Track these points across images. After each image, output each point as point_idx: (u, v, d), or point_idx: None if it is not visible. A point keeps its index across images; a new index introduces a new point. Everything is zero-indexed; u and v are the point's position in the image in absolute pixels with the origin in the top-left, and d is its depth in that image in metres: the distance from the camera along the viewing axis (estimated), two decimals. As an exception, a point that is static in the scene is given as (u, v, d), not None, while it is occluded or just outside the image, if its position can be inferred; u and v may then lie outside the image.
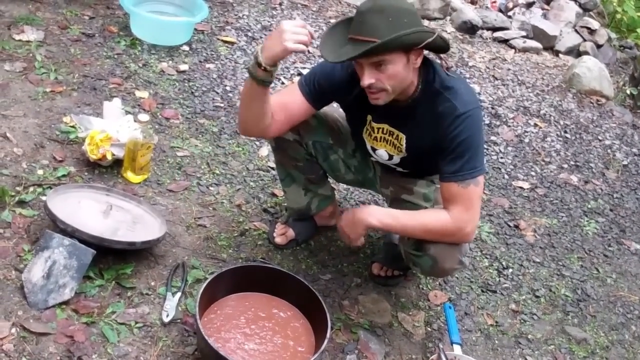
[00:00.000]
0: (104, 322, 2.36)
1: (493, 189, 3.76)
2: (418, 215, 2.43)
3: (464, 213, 2.33)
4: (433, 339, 2.73)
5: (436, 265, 2.44)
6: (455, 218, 2.33)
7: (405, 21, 2.15)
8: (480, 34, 5.62)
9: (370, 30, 2.13)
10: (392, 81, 2.24)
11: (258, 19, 4.75)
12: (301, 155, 2.72)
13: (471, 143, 2.31)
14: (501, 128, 4.36)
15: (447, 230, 2.35)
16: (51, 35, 3.85)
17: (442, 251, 2.41)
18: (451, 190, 2.34)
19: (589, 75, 5.14)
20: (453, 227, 2.34)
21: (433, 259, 2.43)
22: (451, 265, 2.46)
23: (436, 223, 2.36)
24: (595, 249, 3.53)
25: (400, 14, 2.16)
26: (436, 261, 2.43)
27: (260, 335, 2.41)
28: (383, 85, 2.24)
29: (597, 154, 4.41)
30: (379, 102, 2.30)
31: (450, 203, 2.35)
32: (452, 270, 2.54)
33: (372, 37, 2.12)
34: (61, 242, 2.42)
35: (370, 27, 2.13)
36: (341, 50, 2.21)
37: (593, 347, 2.93)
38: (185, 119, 3.55)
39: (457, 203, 2.33)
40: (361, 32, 2.15)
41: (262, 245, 2.92)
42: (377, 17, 2.13)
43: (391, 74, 2.22)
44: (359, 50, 2.13)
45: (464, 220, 2.34)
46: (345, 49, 2.20)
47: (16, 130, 3.08)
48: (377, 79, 2.22)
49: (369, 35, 2.13)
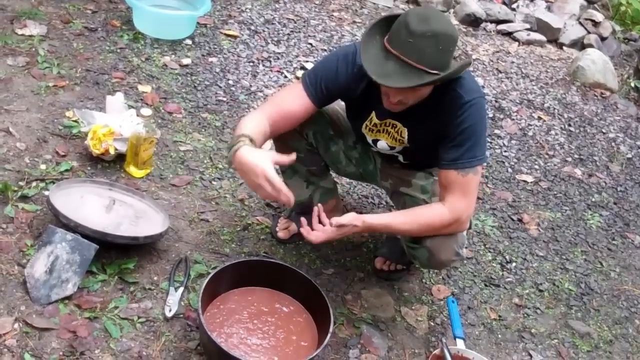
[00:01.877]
0: (106, 317, 2.36)
1: (496, 182, 3.75)
2: (414, 215, 2.41)
3: (460, 200, 2.33)
4: (436, 333, 2.72)
5: (432, 257, 2.45)
6: (452, 207, 2.34)
7: (451, 50, 2.15)
8: (484, 26, 5.60)
9: (421, 56, 2.10)
10: (417, 98, 2.28)
11: (261, 13, 4.74)
12: (302, 146, 2.71)
13: (474, 131, 2.31)
14: (505, 121, 4.35)
15: (444, 222, 2.35)
16: (54, 30, 3.84)
17: (438, 243, 2.42)
18: (449, 178, 2.34)
19: (593, 68, 5.11)
20: (450, 218, 2.34)
21: (429, 251, 2.44)
22: (447, 256, 2.46)
23: (434, 218, 2.36)
24: (599, 243, 3.52)
25: (449, 43, 2.14)
26: (432, 253, 2.44)
27: (263, 330, 2.41)
28: (407, 102, 2.27)
29: (601, 147, 4.40)
30: (395, 110, 2.34)
31: (447, 191, 2.35)
32: (449, 262, 2.54)
33: (421, 65, 2.10)
34: (64, 237, 2.42)
35: (421, 54, 2.10)
36: (385, 67, 2.15)
37: (597, 341, 2.93)
38: (188, 113, 3.54)
39: (454, 191, 2.33)
40: (410, 56, 2.10)
41: (265, 240, 2.91)
42: (430, 45, 2.09)
43: (420, 94, 2.26)
44: (409, 82, 2.11)
45: (460, 208, 2.34)
46: (389, 67, 2.14)
47: (19, 125, 3.08)
48: (405, 96, 2.24)
49: (418, 62, 2.10)
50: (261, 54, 4.27)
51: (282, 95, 2.53)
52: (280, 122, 2.43)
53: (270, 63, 4.22)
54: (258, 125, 2.35)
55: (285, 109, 2.44)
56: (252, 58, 4.20)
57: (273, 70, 4.15)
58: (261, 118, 2.38)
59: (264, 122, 2.37)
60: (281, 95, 2.54)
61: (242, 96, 3.81)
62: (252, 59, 4.19)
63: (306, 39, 4.61)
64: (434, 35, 2.09)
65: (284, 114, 2.43)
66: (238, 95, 3.81)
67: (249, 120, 2.36)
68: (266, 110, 2.43)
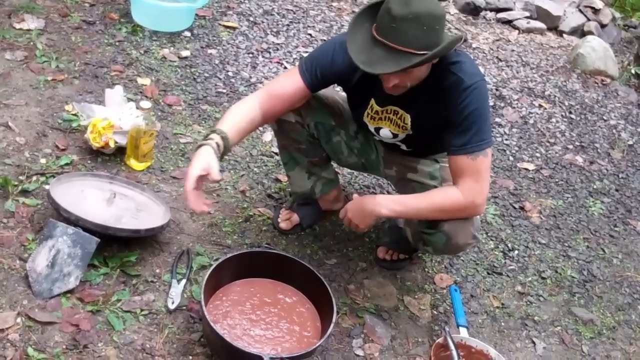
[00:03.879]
0: (109, 310, 2.36)
1: (498, 170, 3.75)
2: (428, 197, 2.40)
3: (473, 185, 2.32)
4: (439, 322, 2.72)
5: (450, 241, 2.44)
6: (466, 191, 2.33)
7: (437, 28, 2.13)
8: (484, 15, 5.58)
9: (405, 39, 2.09)
10: (415, 80, 2.27)
11: (260, 4, 4.72)
12: (303, 137, 2.71)
13: (479, 115, 2.31)
14: (506, 110, 4.34)
15: (459, 206, 2.34)
16: (52, 24, 3.83)
17: (456, 227, 2.41)
18: (460, 163, 2.33)
19: (594, 55, 5.10)
20: (465, 202, 2.33)
21: (447, 235, 2.42)
22: (465, 240, 2.46)
23: (447, 201, 2.35)
24: (601, 230, 3.51)
25: (434, 22, 2.11)
26: (450, 237, 2.43)
27: (266, 321, 2.41)
28: (405, 84, 2.26)
29: (602, 134, 4.39)
30: (396, 93, 2.32)
31: (459, 176, 2.34)
32: (466, 246, 2.53)
33: (407, 48, 2.09)
34: (65, 230, 2.42)
35: (405, 37, 2.09)
36: (372, 55, 2.15)
37: (600, 327, 2.93)
38: (187, 106, 3.53)
39: (467, 175, 2.32)
40: (395, 40, 2.10)
41: (267, 231, 2.91)
42: (413, 27, 2.08)
43: (415, 77, 2.26)
44: (397, 66, 2.11)
45: (474, 192, 2.33)
46: (377, 54, 2.14)
47: (18, 120, 3.08)
48: (401, 79, 2.23)
49: (403, 45, 2.09)
50: (260, 45, 4.26)
51: (277, 79, 2.58)
52: (273, 104, 2.45)
53: (270, 54, 4.21)
54: (243, 113, 2.40)
55: (278, 91, 2.46)
56: (252, 49, 4.19)
57: (272, 61, 4.14)
58: (251, 103, 2.43)
59: (252, 108, 2.42)
60: (277, 79, 2.58)
61: (241, 87, 3.80)
62: (251, 50, 4.18)
63: (305, 29, 4.60)
64: (416, 16, 2.07)
65: (277, 95, 2.45)
66: (238, 86, 3.80)
67: (235, 110, 2.42)
68: (259, 93, 2.48)
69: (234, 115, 2.39)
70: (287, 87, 2.46)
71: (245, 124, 2.39)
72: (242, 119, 2.39)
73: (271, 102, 2.44)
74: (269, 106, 2.44)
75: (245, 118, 2.39)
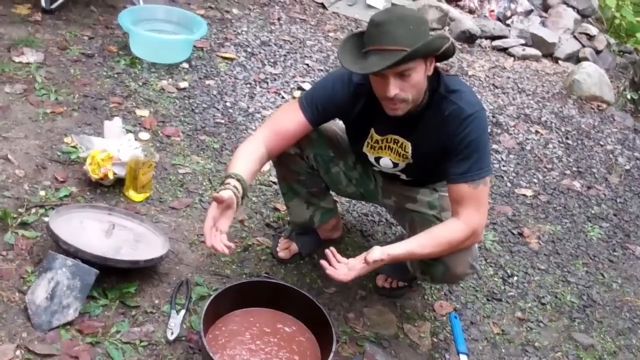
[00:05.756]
0: (108, 341, 2.36)
1: (496, 197, 3.76)
2: (434, 238, 2.35)
3: (474, 213, 2.33)
4: (439, 349, 2.72)
5: (448, 271, 2.45)
6: (468, 220, 2.33)
7: (423, 29, 2.19)
8: (479, 43, 5.63)
9: (394, 39, 2.13)
10: (414, 90, 2.26)
11: (257, 35, 4.77)
12: (303, 169, 2.72)
13: (479, 144, 2.32)
14: (502, 136, 4.36)
15: (464, 237, 2.34)
16: (51, 57, 3.87)
17: (454, 257, 2.41)
18: (461, 192, 2.33)
19: (589, 81, 5.14)
20: (468, 232, 2.34)
21: (446, 265, 2.43)
22: (463, 270, 2.47)
23: (454, 235, 2.34)
24: (600, 255, 3.51)
25: (419, 23, 2.18)
26: (448, 268, 2.44)
27: (265, 351, 2.41)
28: (406, 95, 2.25)
29: (599, 159, 4.40)
30: (398, 113, 2.30)
31: (460, 205, 2.35)
32: (464, 276, 2.54)
33: (399, 47, 2.12)
34: (64, 262, 2.42)
35: (395, 37, 2.13)
36: (366, 62, 2.19)
37: (600, 352, 2.92)
38: (186, 136, 3.55)
39: (468, 204, 2.33)
40: (385, 42, 2.15)
41: (266, 260, 2.91)
42: (399, 27, 2.14)
43: (414, 82, 2.23)
44: (392, 60, 2.12)
45: (476, 221, 2.34)
46: (371, 60, 2.18)
47: (17, 152, 3.09)
48: (401, 88, 2.23)
49: (393, 44, 2.13)
50: (258, 76, 4.29)
51: (279, 116, 2.55)
52: (278, 142, 2.47)
53: (268, 84, 4.24)
54: (252, 154, 2.41)
55: (282, 130, 2.48)
56: (249, 80, 4.22)
57: (270, 92, 4.17)
58: (257, 144, 2.44)
59: (259, 149, 2.43)
60: (279, 116, 2.56)
61: (240, 118, 3.82)
62: (249, 80, 4.21)
63: (302, 59, 4.64)
64: (400, 18, 2.15)
65: (281, 133, 2.47)
66: (236, 117, 3.82)
67: (243, 152, 2.41)
68: (263, 132, 2.48)
69: (243, 157, 2.39)
70: (289, 125, 2.47)
71: (255, 165, 2.41)
72: (252, 160, 2.39)
73: (275, 140, 2.46)
74: (273, 144, 2.46)
75: (254, 159, 2.40)
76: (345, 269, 2.30)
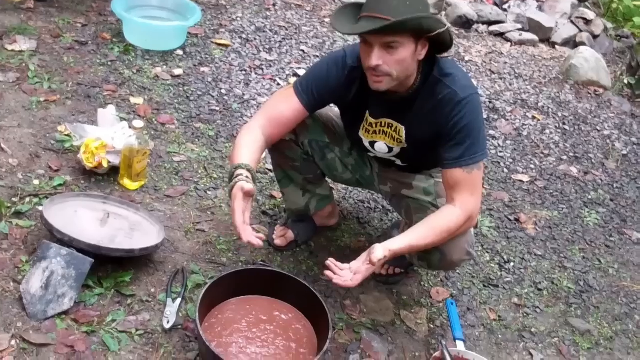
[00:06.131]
0: (104, 330, 2.35)
1: (493, 183, 3.75)
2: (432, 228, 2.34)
3: (469, 198, 2.33)
4: (436, 335, 2.71)
5: (445, 258, 2.45)
6: (464, 205, 2.32)
7: (421, 8, 2.17)
8: (476, 28, 5.61)
9: (387, 9, 2.12)
10: (399, 67, 2.22)
11: (252, 21, 4.74)
12: (298, 155, 2.71)
13: (473, 128, 2.31)
14: (499, 122, 4.35)
15: (461, 222, 2.34)
16: (44, 44, 3.84)
17: (450, 244, 2.40)
18: (455, 176, 2.33)
19: (586, 66, 5.12)
20: (464, 217, 2.33)
21: (442, 252, 2.43)
22: (459, 256, 2.47)
23: (451, 223, 2.33)
24: (596, 240, 3.51)
25: (418, 1, 2.17)
26: (444, 254, 2.44)
27: (262, 339, 2.40)
28: (389, 69, 2.21)
29: (596, 145, 4.39)
30: (381, 86, 2.27)
31: (455, 190, 2.34)
32: (460, 262, 2.54)
33: (389, 16, 2.11)
34: (59, 252, 2.41)
35: (388, 7, 2.13)
36: (355, 26, 2.20)
37: (597, 338, 2.92)
38: (181, 124, 3.54)
39: (462, 189, 2.32)
40: (378, 11, 2.14)
41: (262, 248, 2.88)
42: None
43: (399, 58, 2.20)
44: (377, 25, 2.11)
45: (471, 206, 2.34)
46: (360, 24, 2.18)
47: (11, 141, 3.07)
48: (385, 61, 2.20)
49: (386, 14, 2.12)
50: (253, 62, 4.27)
51: (275, 103, 2.52)
52: (275, 130, 2.46)
53: (263, 71, 4.22)
54: (253, 144, 2.39)
55: (279, 117, 2.46)
56: (245, 66, 4.20)
57: (265, 78, 4.15)
58: (256, 132, 2.42)
59: (258, 138, 2.41)
60: (274, 103, 2.53)
61: (235, 105, 3.81)
62: (244, 67, 4.19)
63: (298, 45, 4.61)
64: None
65: (277, 120, 2.45)
66: (231, 104, 3.81)
67: (245, 142, 2.38)
68: (260, 120, 2.46)
69: (246, 147, 2.36)
70: (285, 112, 2.46)
71: (258, 155, 2.40)
72: (254, 149, 2.38)
73: (272, 128, 2.45)
74: (270, 132, 2.45)
75: (256, 148, 2.39)
76: (350, 274, 2.28)
